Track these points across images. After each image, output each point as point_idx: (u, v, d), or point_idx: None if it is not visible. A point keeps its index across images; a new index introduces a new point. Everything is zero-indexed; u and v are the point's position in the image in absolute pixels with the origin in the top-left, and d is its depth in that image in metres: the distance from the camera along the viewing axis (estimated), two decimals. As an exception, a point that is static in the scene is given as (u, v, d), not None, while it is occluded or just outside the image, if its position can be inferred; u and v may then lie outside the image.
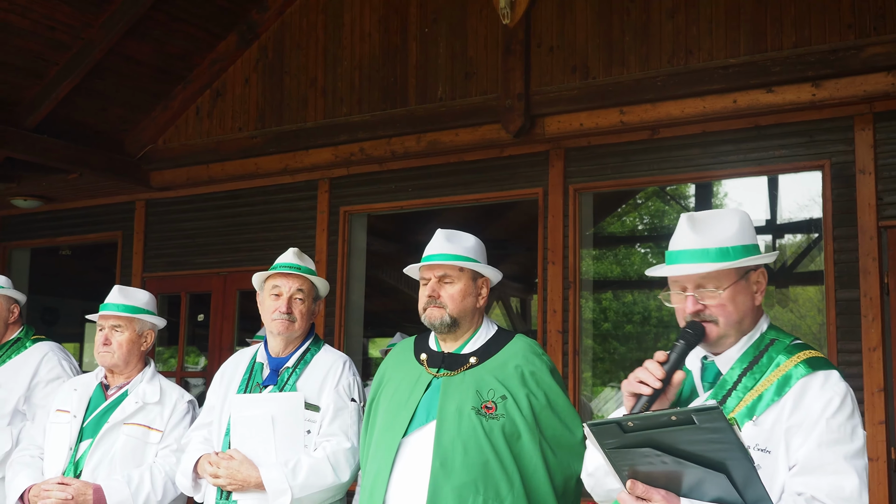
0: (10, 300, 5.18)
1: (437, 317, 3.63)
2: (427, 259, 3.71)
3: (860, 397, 5.88)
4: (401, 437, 3.51)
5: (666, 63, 6.49)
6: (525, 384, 3.52)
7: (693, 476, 2.26)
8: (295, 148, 7.99)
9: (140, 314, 4.42)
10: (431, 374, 3.63)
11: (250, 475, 3.82)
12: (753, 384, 2.58)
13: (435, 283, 3.66)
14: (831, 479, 2.41)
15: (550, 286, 6.97)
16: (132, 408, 4.31)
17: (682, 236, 2.67)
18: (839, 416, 2.48)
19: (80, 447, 4.25)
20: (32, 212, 9.93)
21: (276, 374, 4.08)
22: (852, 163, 6.08)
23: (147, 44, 7.87)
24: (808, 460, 2.44)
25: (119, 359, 4.37)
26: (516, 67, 6.88)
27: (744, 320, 2.66)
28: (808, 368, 2.56)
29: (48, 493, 4.11)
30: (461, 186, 7.54)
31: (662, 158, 6.76)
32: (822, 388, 2.53)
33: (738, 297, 2.63)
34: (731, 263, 2.59)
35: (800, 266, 12.72)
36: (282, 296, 4.11)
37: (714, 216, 2.70)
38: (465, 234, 3.79)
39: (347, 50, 7.88)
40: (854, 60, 5.86)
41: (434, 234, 3.80)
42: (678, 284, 2.68)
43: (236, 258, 8.61)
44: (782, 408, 2.51)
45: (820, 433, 2.45)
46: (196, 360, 17.14)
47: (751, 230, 2.70)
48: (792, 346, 2.64)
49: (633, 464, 2.29)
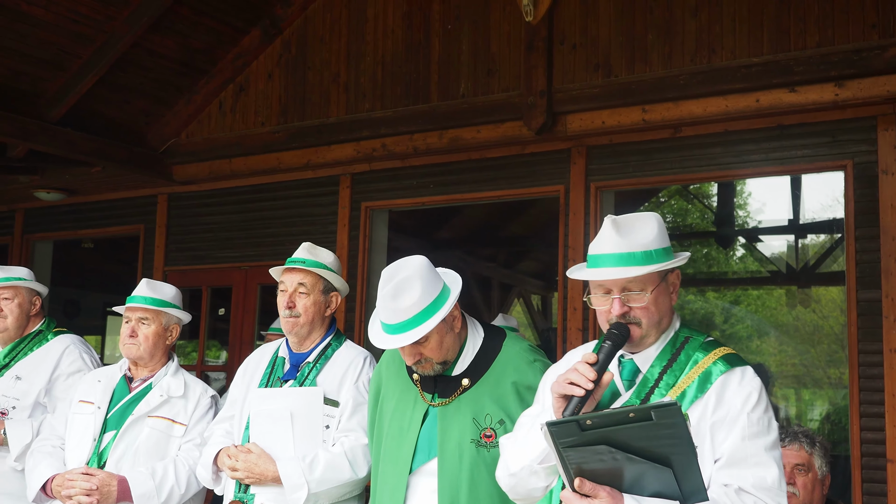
0: (32, 292, 5.21)
1: (429, 369, 3.48)
2: (388, 332, 3.39)
3: (880, 399, 5.86)
4: (406, 475, 3.47)
5: (688, 61, 6.47)
6: (522, 402, 3.40)
7: (636, 471, 2.34)
8: (317, 143, 8.00)
9: (167, 308, 4.45)
10: (426, 402, 3.54)
11: (268, 469, 3.83)
12: (675, 381, 2.67)
13: (409, 349, 3.42)
14: (755, 471, 2.53)
15: (571, 284, 6.96)
16: (157, 401, 4.33)
17: (607, 240, 2.73)
18: (758, 410, 2.61)
19: (104, 438, 4.27)
20: (55, 204, 9.99)
21: (297, 369, 4.09)
22: (875, 163, 6.04)
23: (170, 38, 7.91)
24: (733, 453, 2.55)
25: (144, 351, 4.40)
26: (539, 64, 6.87)
27: (662, 320, 2.75)
28: (726, 365, 2.67)
29: (72, 482, 4.13)
30: (483, 183, 7.54)
31: (684, 157, 6.73)
32: (740, 384, 2.64)
33: (659, 298, 2.72)
34: (656, 267, 2.66)
35: (822, 266, 12.64)
36: (286, 292, 4.12)
37: (635, 220, 2.78)
38: (408, 259, 3.54)
39: (370, 45, 7.89)
40: (878, 60, 5.83)
41: (383, 295, 3.41)
42: (602, 287, 2.73)
43: (258, 252, 8.63)
44: (706, 404, 2.62)
45: (742, 427, 2.57)
46: (217, 354, 17.21)
47: (666, 233, 2.78)
48: (706, 344, 2.75)
49: (583, 462, 2.34)
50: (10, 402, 4.91)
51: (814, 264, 12.68)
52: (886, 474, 5.79)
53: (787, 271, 13.07)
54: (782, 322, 19.46)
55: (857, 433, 5.89)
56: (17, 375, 4.98)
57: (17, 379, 4.97)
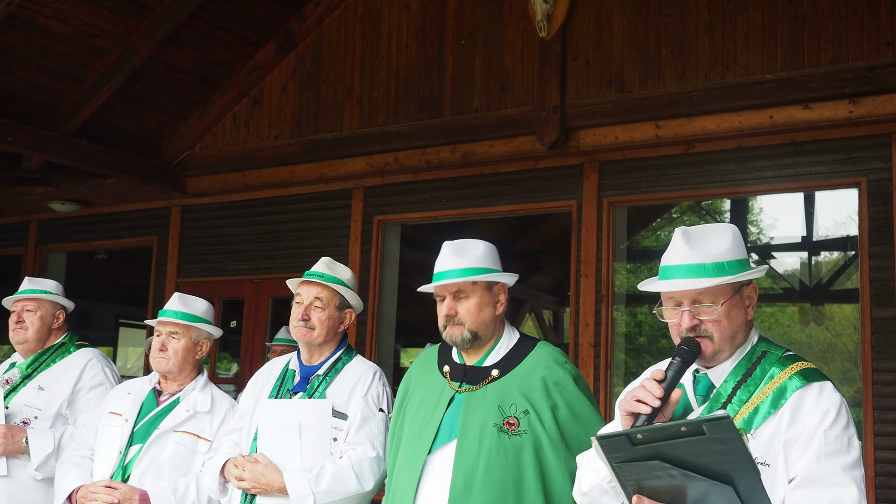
0: (56, 306, 5.20)
1: (457, 334, 3.59)
2: (437, 278, 3.65)
3: (894, 417, 5.82)
4: (426, 454, 3.48)
5: (702, 77, 6.47)
6: (549, 396, 3.46)
7: (698, 490, 2.26)
8: (330, 157, 8.03)
9: (197, 322, 4.46)
10: (454, 388, 3.59)
11: (274, 479, 3.83)
12: (748, 397, 2.58)
13: (450, 300, 3.62)
14: (831, 492, 2.41)
15: (583, 299, 6.96)
16: (183, 415, 4.33)
17: (678, 251, 2.65)
18: (836, 427, 2.48)
19: (130, 451, 4.28)
20: (69, 216, 10.04)
21: (307, 382, 4.10)
22: (889, 180, 6.02)
23: (186, 51, 7.95)
24: (807, 473, 2.44)
25: (174, 365, 4.40)
26: (552, 80, 6.88)
27: (737, 335, 2.66)
28: (802, 380, 2.56)
29: (95, 495, 4.14)
30: (495, 198, 7.54)
31: (697, 173, 6.73)
32: (817, 399, 2.53)
33: (732, 311, 2.63)
34: (727, 279, 2.59)
35: (836, 284, 12.59)
36: (302, 304, 4.14)
37: (708, 231, 2.69)
38: (472, 242, 3.73)
39: (384, 60, 7.92)
40: (892, 77, 5.81)
41: (441, 248, 3.72)
42: (673, 300, 2.67)
43: (270, 265, 8.65)
44: (779, 420, 2.52)
45: (818, 445, 2.45)
46: (228, 366, 17.21)
47: (742, 244, 2.70)
48: (784, 358, 2.65)
49: (640, 478, 2.28)
50: (33, 412, 4.92)
51: (827, 281, 12.64)
52: (899, 493, 5.76)
53: (801, 288, 13.03)
54: (795, 339, 19.36)
55: (871, 452, 5.85)
56: (40, 386, 4.99)
57: (39, 389, 4.98)
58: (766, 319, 19.93)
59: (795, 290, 13.45)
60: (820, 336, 19.82)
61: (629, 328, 17.78)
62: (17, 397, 4.95)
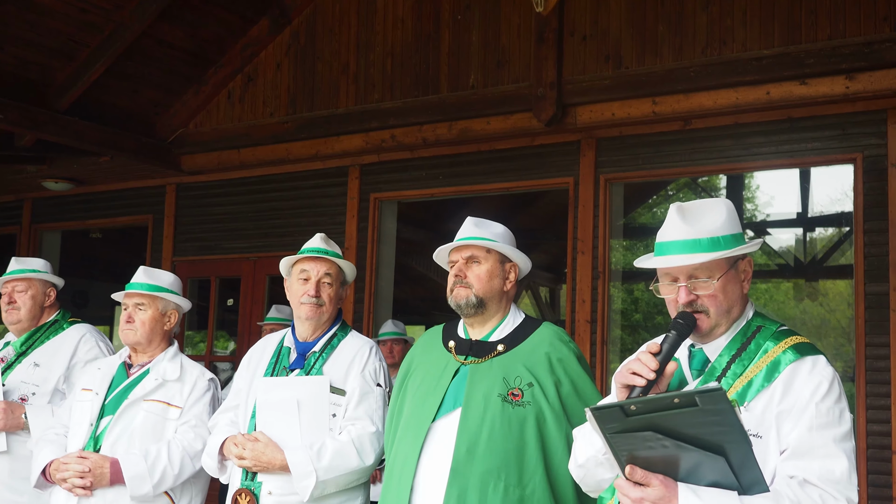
0: (47, 284, 5.22)
1: (462, 296, 3.63)
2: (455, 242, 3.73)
3: (887, 391, 5.86)
4: (429, 422, 3.52)
5: (699, 54, 6.46)
6: (553, 371, 3.52)
7: (691, 460, 2.28)
8: (326, 134, 8.01)
9: (162, 293, 4.47)
10: (459, 361, 3.64)
11: (275, 457, 3.84)
12: (743, 370, 2.61)
13: (462, 264, 3.68)
14: (822, 463, 2.44)
15: (580, 276, 6.96)
16: (152, 384, 4.35)
17: (673, 227, 2.67)
18: (828, 400, 2.51)
19: (101, 423, 4.30)
20: (63, 194, 10.01)
21: (303, 359, 4.10)
22: (885, 156, 6.03)
23: (179, 27, 7.91)
24: (799, 444, 2.47)
25: (142, 336, 4.42)
26: (549, 56, 6.86)
27: (733, 308, 2.68)
28: (796, 354, 2.59)
29: (67, 466, 4.18)
30: (492, 175, 7.54)
31: (694, 150, 6.73)
32: (810, 373, 2.55)
33: (728, 286, 2.65)
34: (723, 253, 2.60)
35: (830, 260, 12.63)
36: (310, 280, 4.13)
37: (703, 206, 2.71)
38: (494, 222, 3.80)
39: (380, 36, 7.88)
40: (889, 53, 5.81)
41: (464, 222, 3.80)
42: (669, 275, 2.69)
43: (266, 243, 8.64)
44: (772, 393, 2.54)
45: (810, 417, 2.48)
46: (225, 344, 17.24)
47: (737, 219, 2.72)
48: (779, 333, 2.67)
49: (633, 449, 2.30)
50: (30, 388, 4.96)
51: (822, 257, 12.67)
52: (892, 466, 5.80)
53: (795, 264, 13.05)
54: (790, 315, 19.45)
55: (864, 425, 5.89)
56: (36, 363, 5.03)
57: (35, 366, 5.02)
58: (761, 296, 20.00)
59: (790, 267, 13.47)
60: (814, 311, 19.90)
61: (625, 305, 17.83)
62: (13, 374, 4.98)
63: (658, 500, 2.33)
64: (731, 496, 2.32)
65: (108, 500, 4.18)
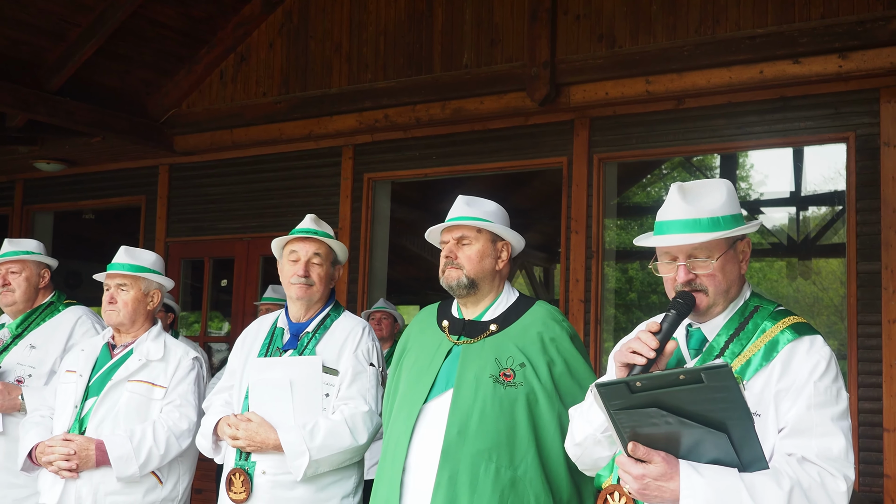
0: (41, 265, 5.21)
1: (454, 277, 3.63)
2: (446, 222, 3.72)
3: (878, 369, 5.90)
4: (421, 403, 3.53)
5: (693, 32, 6.45)
6: (545, 351, 3.52)
7: (693, 437, 2.30)
8: (319, 114, 7.99)
9: (144, 273, 4.46)
10: (452, 341, 3.64)
11: (269, 437, 3.86)
12: (741, 350, 2.63)
13: (453, 244, 3.67)
14: (820, 441, 2.46)
15: (573, 255, 6.97)
16: (136, 365, 4.35)
17: (674, 206, 2.68)
18: (825, 379, 2.53)
19: (86, 405, 4.31)
20: (55, 175, 9.98)
21: (297, 339, 4.11)
22: (877, 135, 6.04)
23: (171, 6, 7.87)
24: (797, 422, 2.49)
25: (124, 317, 4.42)
26: (542, 35, 6.84)
27: (731, 288, 2.69)
28: (794, 334, 2.61)
29: (52, 448, 4.19)
30: (485, 154, 7.53)
31: (688, 129, 6.73)
32: (808, 352, 2.58)
33: (727, 266, 2.67)
34: (723, 233, 2.62)
35: (823, 238, 12.67)
36: (299, 260, 4.14)
37: (704, 186, 2.72)
38: (486, 200, 3.79)
39: (373, 15, 7.86)
40: (882, 32, 5.81)
41: (455, 200, 3.80)
42: (668, 255, 2.70)
43: (260, 223, 8.64)
44: (770, 372, 2.56)
45: (808, 396, 2.50)
46: (219, 325, 17.24)
47: (736, 200, 2.73)
48: (776, 313, 2.70)
49: (636, 425, 2.32)
50: (27, 370, 4.95)
51: (815, 236, 12.70)
52: (883, 443, 5.83)
53: (788, 243, 13.08)
54: (783, 294, 19.50)
55: (855, 403, 5.93)
56: (32, 345, 5.02)
57: (31, 348, 5.01)
58: (754, 274, 20.04)
59: (783, 245, 13.51)
60: (807, 290, 19.95)
61: (619, 284, 17.86)
62: (9, 356, 4.97)
63: (660, 477, 2.35)
64: (732, 473, 2.34)
65: (94, 482, 4.19)
